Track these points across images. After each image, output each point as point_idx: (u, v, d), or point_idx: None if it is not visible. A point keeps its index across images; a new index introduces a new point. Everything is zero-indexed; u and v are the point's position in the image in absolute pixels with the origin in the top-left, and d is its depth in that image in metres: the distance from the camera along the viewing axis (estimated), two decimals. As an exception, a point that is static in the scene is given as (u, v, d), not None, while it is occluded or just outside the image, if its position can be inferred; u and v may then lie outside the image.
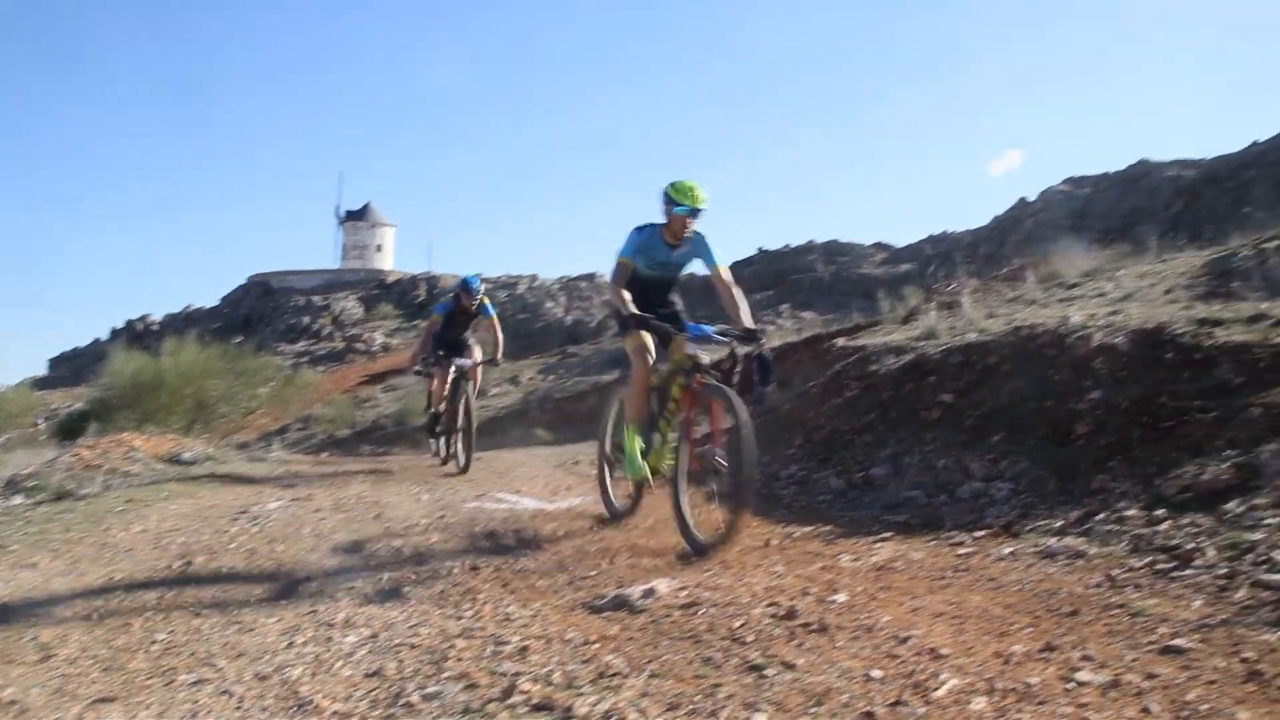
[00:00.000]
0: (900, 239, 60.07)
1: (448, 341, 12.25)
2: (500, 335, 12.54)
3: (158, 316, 74.99)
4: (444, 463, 12.41)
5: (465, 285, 12.00)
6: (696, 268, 7.49)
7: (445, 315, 12.31)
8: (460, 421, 11.67)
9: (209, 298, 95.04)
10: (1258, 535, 4.86)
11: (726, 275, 7.07)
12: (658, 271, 7.14)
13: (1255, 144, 32.25)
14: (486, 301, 12.23)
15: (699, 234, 6.98)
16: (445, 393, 12.16)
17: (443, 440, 12.69)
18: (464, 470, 11.20)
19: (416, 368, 13.41)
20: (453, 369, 11.91)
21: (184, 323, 65.60)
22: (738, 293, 6.95)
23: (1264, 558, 4.59)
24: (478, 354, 12.30)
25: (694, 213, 6.70)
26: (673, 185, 6.69)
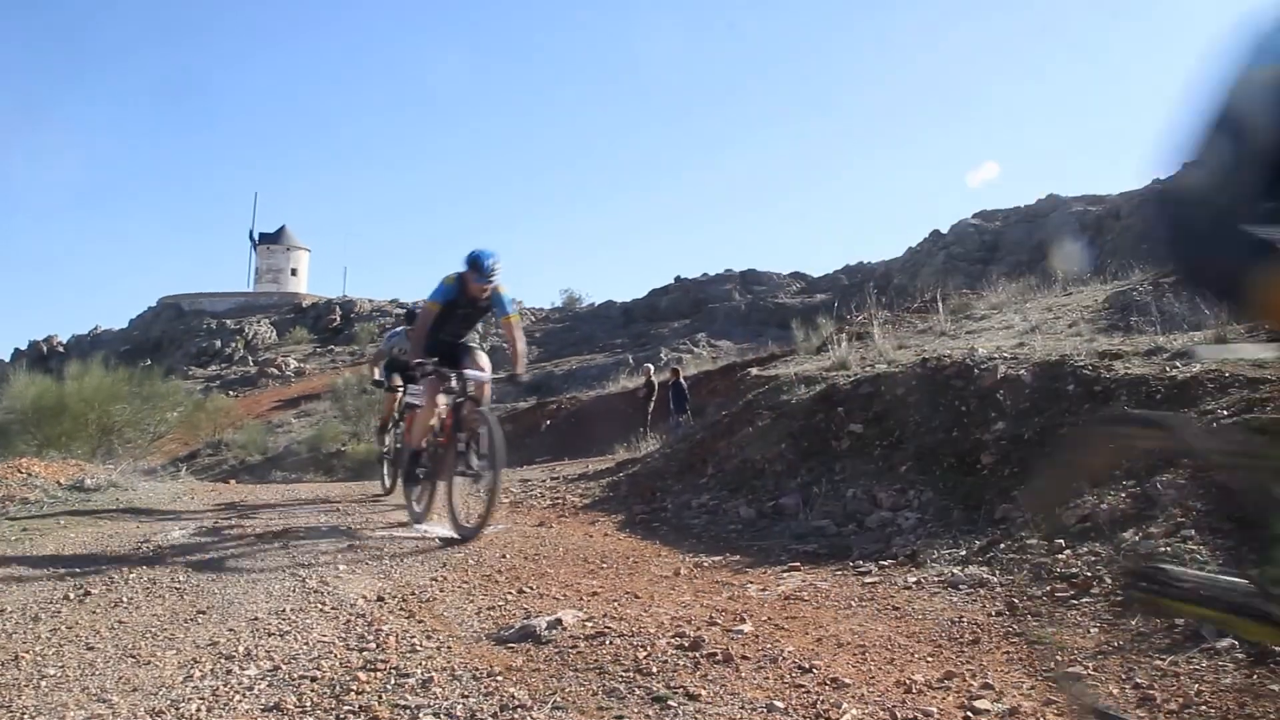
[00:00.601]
0: (816, 269, 60.92)
1: (443, 344, 8.69)
2: (521, 342, 8.70)
3: (64, 338, 73.22)
4: (418, 518, 8.76)
5: (475, 261, 8.17)
6: None
7: (444, 305, 8.51)
8: (472, 461, 7.87)
9: (118, 319, 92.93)
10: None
11: None
12: None
13: (1157, 182, 33.30)
14: (503, 291, 8.56)
15: None
16: (439, 418, 8.55)
17: (424, 489, 8.76)
18: (473, 534, 7.56)
19: (378, 375, 10.56)
20: (454, 382, 8.32)
21: (91, 344, 64.18)
22: None
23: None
24: (486, 363, 8.80)
25: None
26: None
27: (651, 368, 22.84)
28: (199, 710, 3.88)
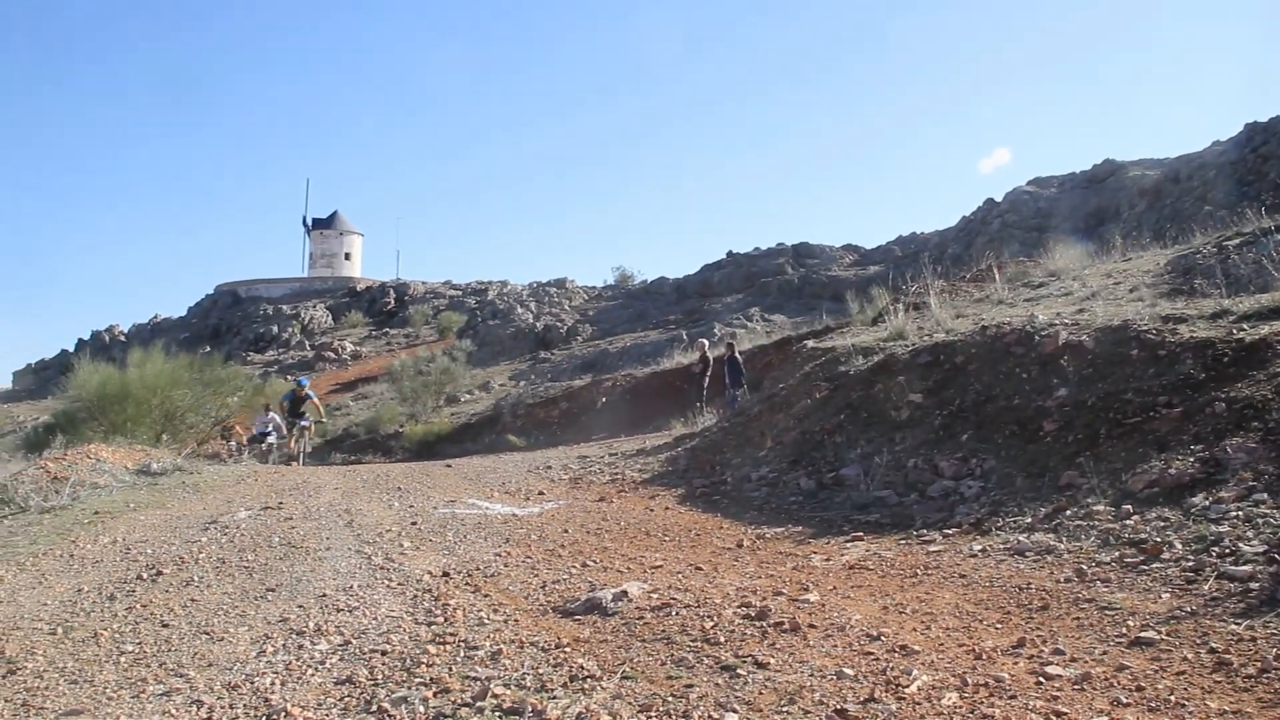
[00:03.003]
0: (869, 241, 60.28)
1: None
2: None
3: (125, 327, 74.29)
4: None
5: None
6: None
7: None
8: None
9: (177, 308, 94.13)
10: (1223, 528, 4.92)
11: None
12: None
13: (1216, 144, 32.58)
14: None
15: None
16: None
17: None
18: None
19: None
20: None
21: (151, 333, 65.10)
22: None
23: (1230, 550, 4.65)
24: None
25: None
26: None
27: (706, 343, 22.69)
28: (273, 684, 3.94)
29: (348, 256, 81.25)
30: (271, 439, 21.16)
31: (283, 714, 3.57)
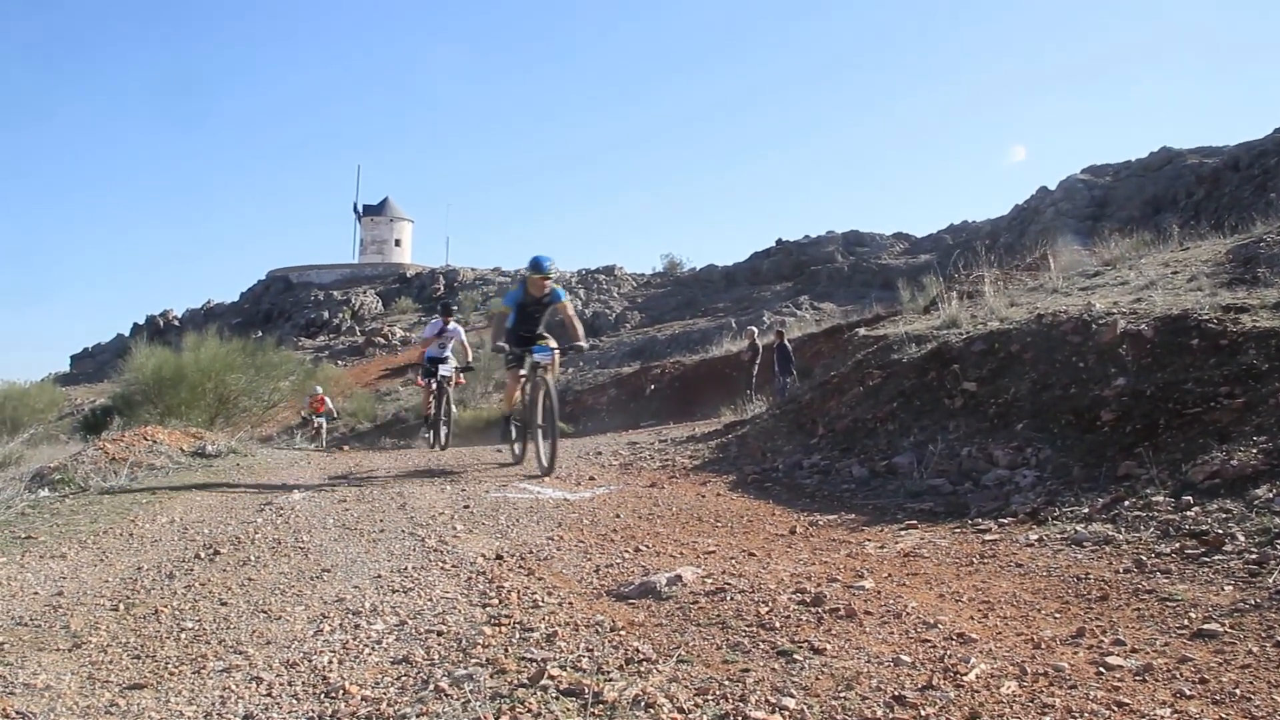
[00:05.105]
0: (920, 229, 59.83)
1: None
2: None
3: (179, 312, 75.35)
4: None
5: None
6: None
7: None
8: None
9: (229, 293, 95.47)
10: (1288, 520, 4.83)
11: None
12: None
13: (1279, 130, 31.95)
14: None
15: None
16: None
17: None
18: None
19: None
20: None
21: (204, 318, 66.06)
22: None
23: (1295, 543, 4.57)
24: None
25: None
26: None
27: (755, 330, 22.69)
28: (330, 662, 3.98)
29: (398, 243, 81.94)
30: (447, 369, 14.58)
31: (341, 692, 3.60)
